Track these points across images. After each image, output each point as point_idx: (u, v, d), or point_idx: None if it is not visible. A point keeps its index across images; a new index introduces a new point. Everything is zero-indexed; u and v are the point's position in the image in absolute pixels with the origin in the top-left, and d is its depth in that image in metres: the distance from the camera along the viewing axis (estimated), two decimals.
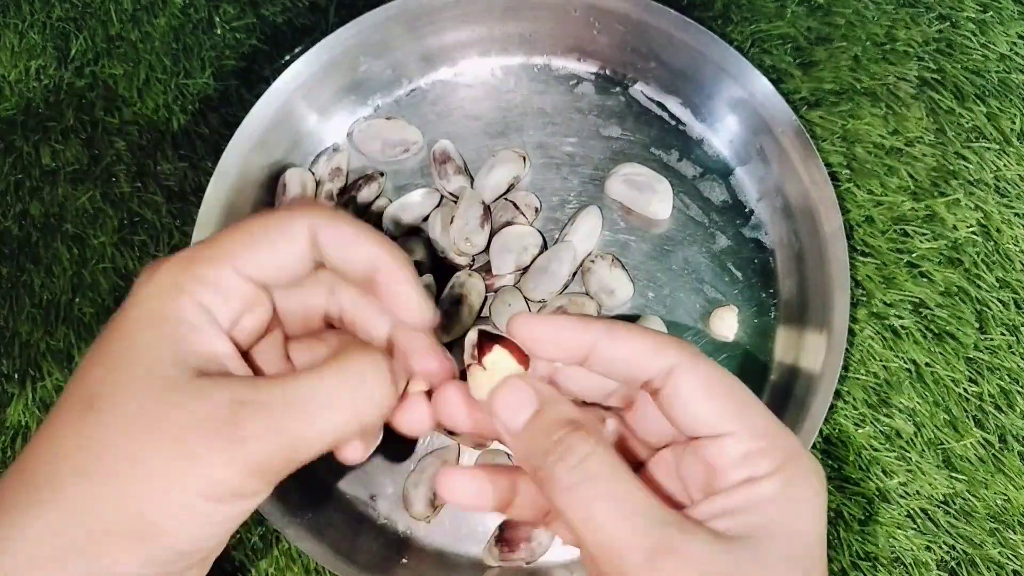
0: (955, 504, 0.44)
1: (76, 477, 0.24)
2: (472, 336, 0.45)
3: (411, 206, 0.48)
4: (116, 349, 0.26)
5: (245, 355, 0.29)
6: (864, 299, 0.47)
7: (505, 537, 0.42)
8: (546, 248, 0.48)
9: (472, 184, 0.49)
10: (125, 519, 0.24)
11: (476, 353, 0.28)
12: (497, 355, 0.27)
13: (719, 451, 0.25)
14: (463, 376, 0.30)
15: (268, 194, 0.48)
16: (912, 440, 0.45)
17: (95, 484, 0.24)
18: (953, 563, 0.43)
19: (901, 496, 0.44)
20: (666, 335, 0.27)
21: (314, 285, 0.31)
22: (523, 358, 0.28)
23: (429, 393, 0.30)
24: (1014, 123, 0.50)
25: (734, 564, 0.23)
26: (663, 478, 0.28)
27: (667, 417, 0.26)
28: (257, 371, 0.29)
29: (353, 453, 0.30)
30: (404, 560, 0.43)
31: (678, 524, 0.23)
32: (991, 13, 0.52)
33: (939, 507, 0.44)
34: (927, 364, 0.46)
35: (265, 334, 0.30)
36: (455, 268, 0.47)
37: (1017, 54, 0.51)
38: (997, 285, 0.47)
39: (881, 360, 0.46)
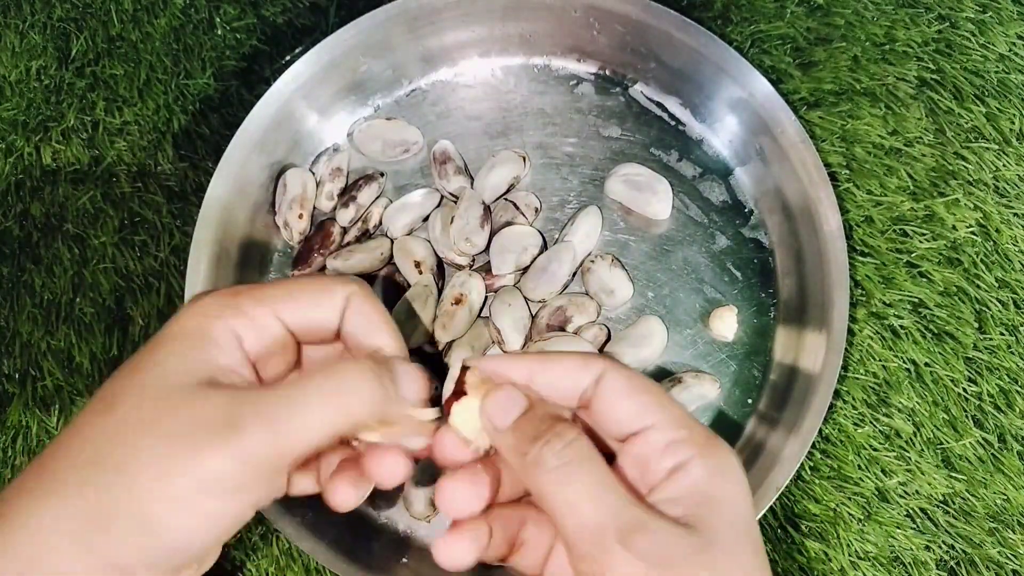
0: (954, 504, 0.44)
1: (89, 468, 0.26)
2: (454, 371, 0.45)
3: (411, 206, 0.48)
4: (142, 358, 0.28)
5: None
6: (863, 299, 0.47)
7: None
8: (546, 248, 0.48)
9: (472, 184, 0.49)
10: (128, 510, 0.25)
11: (457, 381, 0.30)
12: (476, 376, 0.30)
13: (645, 443, 0.27)
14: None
15: (268, 194, 0.48)
16: (911, 440, 0.45)
17: (105, 474, 0.26)
18: (952, 563, 0.43)
19: (900, 496, 0.44)
20: (591, 353, 0.29)
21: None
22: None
23: None
24: (1013, 123, 0.50)
25: (692, 547, 0.25)
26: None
27: (599, 426, 0.29)
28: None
29: (344, 498, 0.31)
30: (404, 560, 0.43)
31: (644, 507, 0.26)
32: (990, 13, 0.52)
33: (938, 507, 0.44)
34: (926, 364, 0.46)
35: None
36: (455, 268, 0.48)
37: (1016, 54, 0.52)
38: (996, 285, 0.47)
39: (880, 360, 0.46)
